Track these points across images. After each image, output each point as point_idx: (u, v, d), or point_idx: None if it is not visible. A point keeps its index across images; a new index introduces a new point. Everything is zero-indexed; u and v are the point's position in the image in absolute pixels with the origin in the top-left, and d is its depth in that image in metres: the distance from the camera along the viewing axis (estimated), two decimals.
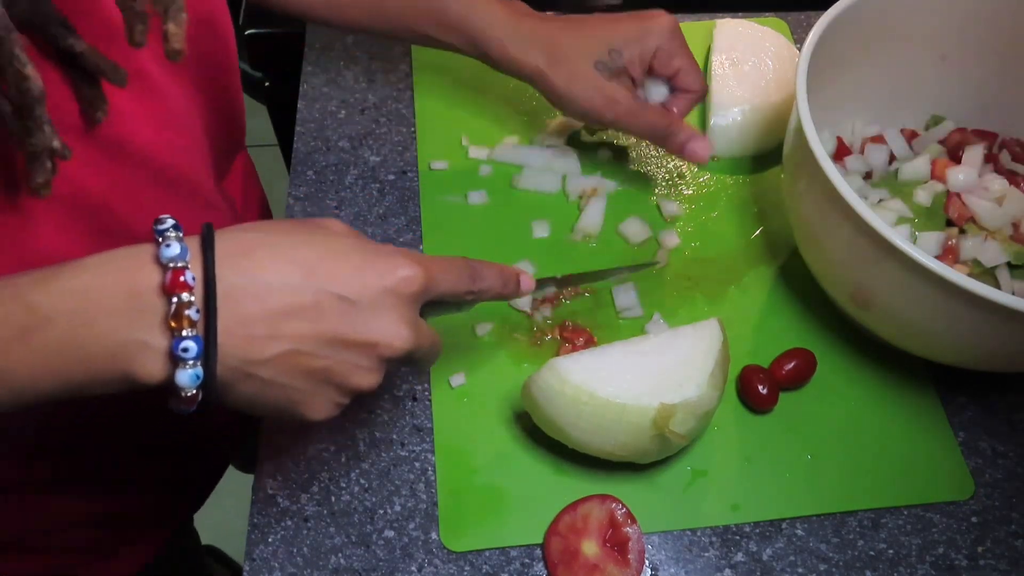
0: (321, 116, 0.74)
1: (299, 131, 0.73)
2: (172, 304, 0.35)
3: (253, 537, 0.53)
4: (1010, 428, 0.60)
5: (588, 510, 0.53)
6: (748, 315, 0.64)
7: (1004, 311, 0.46)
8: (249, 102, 1.43)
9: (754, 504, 0.55)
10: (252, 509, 0.54)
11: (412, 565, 0.53)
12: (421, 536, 0.54)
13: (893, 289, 0.51)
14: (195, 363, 0.36)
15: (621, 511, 0.53)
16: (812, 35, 0.56)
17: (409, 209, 0.68)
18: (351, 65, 0.78)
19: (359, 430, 0.58)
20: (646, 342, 0.54)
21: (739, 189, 0.71)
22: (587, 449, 0.52)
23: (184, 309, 0.35)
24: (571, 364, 0.51)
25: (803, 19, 0.83)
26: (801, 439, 0.58)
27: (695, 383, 0.50)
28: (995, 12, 0.63)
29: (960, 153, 0.64)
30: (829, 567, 0.54)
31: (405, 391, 0.59)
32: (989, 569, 0.54)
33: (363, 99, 0.76)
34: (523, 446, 0.57)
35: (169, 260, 0.36)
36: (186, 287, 0.36)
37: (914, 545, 0.55)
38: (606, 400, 0.50)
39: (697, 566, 0.54)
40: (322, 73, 0.77)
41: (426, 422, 0.58)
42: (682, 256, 0.67)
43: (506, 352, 0.61)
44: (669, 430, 0.49)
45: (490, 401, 0.59)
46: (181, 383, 0.36)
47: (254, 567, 0.53)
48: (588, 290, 0.64)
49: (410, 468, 0.56)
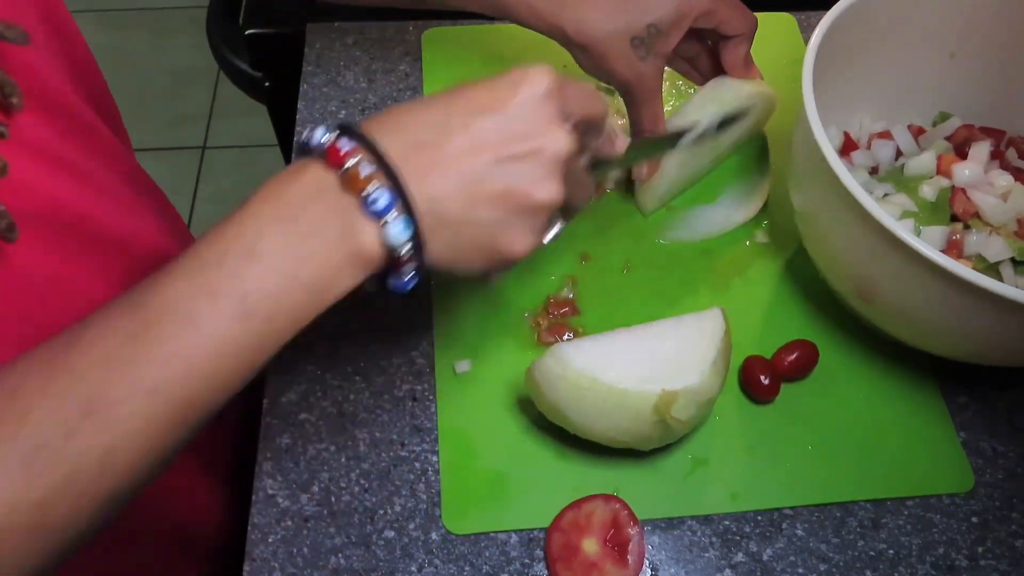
0: (321, 116, 0.74)
1: (299, 131, 0.73)
2: (345, 170, 0.37)
3: (253, 537, 0.53)
4: (1011, 428, 0.60)
5: (592, 508, 0.53)
6: (752, 307, 0.64)
7: (1006, 303, 0.46)
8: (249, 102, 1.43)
9: (754, 493, 0.56)
10: (252, 509, 0.54)
11: (412, 565, 0.53)
12: (421, 536, 0.54)
13: (896, 282, 0.51)
14: (395, 215, 0.37)
15: (624, 512, 0.53)
16: (818, 31, 0.56)
17: None
18: (351, 65, 0.78)
19: (359, 430, 0.58)
20: (649, 329, 0.54)
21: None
22: (589, 435, 0.53)
23: (359, 170, 0.36)
24: (573, 350, 0.51)
25: (803, 19, 0.83)
26: (802, 430, 0.58)
27: (697, 370, 0.51)
28: (1003, 9, 0.63)
29: (966, 149, 0.64)
30: (829, 567, 0.54)
31: (405, 391, 0.59)
32: (989, 569, 0.54)
33: (363, 99, 0.76)
34: (526, 432, 0.57)
35: (320, 142, 0.38)
36: (348, 155, 0.37)
37: (914, 545, 0.55)
38: (608, 385, 0.50)
39: (697, 566, 0.54)
40: (322, 73, 0.77)
41: (426, 422, 0.58)
42: (688, 247, 0.67)
43: (512, 339, 0.61)
44: (671, 416, 0.49)
45: (494, 388, 0.59)
46: (394, 238, 0.37)
47: (254, 567, 0.52)
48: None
49: (410, 468, 0.56)
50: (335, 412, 0.59)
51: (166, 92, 2.09)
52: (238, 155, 1.98)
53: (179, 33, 2.13)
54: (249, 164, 1.96)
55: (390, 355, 0.61)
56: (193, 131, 2.02)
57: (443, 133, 0.38)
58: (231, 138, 2.01)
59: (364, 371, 0.60)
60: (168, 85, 2.11)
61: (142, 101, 2.07)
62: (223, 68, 1.38)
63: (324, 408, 0.59)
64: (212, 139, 2.01)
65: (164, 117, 2.04)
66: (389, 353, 0.61)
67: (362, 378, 0.60)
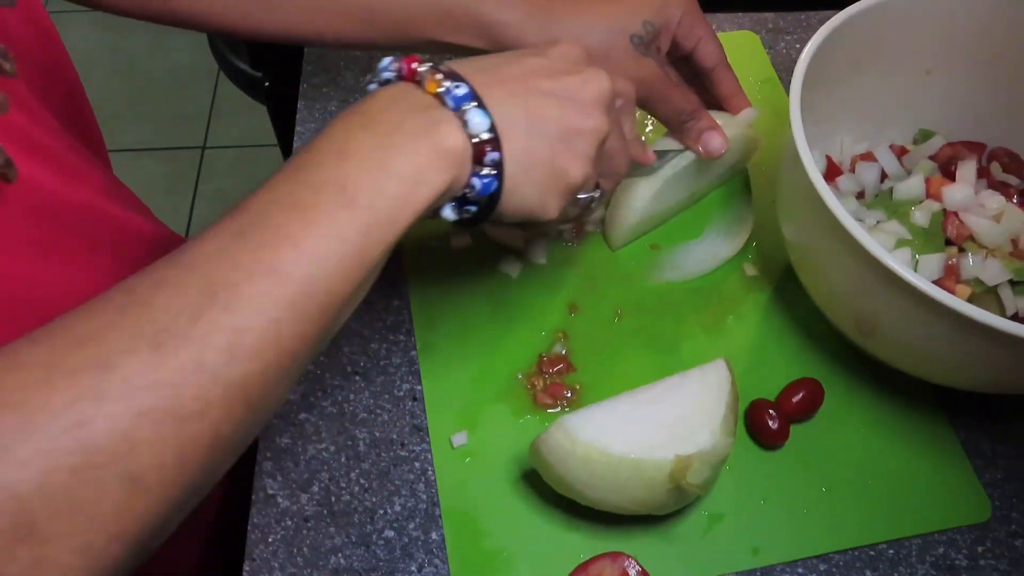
0: (321, 116, 0.74)
1: (299, 131, 0.73)
2: (421, 75, 0.41)
3: (253, 537, 0.53)
4: (1009, 428, 0.60)
5: (600, 569, 0.51)
6: (749, 345, 0.62)
7: (1007, 337, 0.45)
8: (249, 102, 1.43)
9: (775, 545, 0.54)
10: (252, 509, 0.54)
11: (412, 565, 0.53)
12: (421, 536, 0.54)
13: (899, 318, 0.50)
14: (474, 104, 0.40)
15: (635, 568, 0.51)
16: (800, 64, 0.54)
17: None
18: (351, 65, 0.78)
19: (359, 430, 0.58)
20: (654, 390, 0.52)
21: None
22: (602, 506, 0.51)
23: (433, 75, 0.41)
24: (580, 421, 0.50)
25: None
26: (815, 472, 0.57)
27: (708, 430, 0.49)
28: (977, 25, 0.63)
29: (952, 168, 0.63)
30: (829, 567, 0.54)
31: (405, 391, 0.59)
32: (989, 569, 0.54)
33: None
34: (532, 505, 0.55)
35: (390, 65, 0.43)
36: (421, 64, 0.41)
37: (914, 545, 0.55)
38: (620, 457, 0.48)
39: None
40: (322, 73, 0.77)
41: (426, 422, 0.58)
42: (678, 287, 0.65)
43: (507, 404, 0.59)
44: (687, 482, 0.48)
45: (495, 461, 0.56)
46: (475, 125, 0.40)
47: (254, 567, 0.52)
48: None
49: (410, 468, 0.56)
50: (335, 412, 0.59)
51: (166, 92, 2.10)
52: (238, 155, 1.98)
53: (179, 33, 2.12)
54: (249, 164, 1.96)
55: (390, 355, 0.61)
56: (193, 131, 2.02)
57: (498, 65, 0.44)
58: (231, 138, 2.01)
59: (364, 371, 0.60)
60: (168, 85, 2.11)
61: (142, 101, 2.07)
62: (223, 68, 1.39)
63: (324, 408, 0.59)
64: (212, 139, 2.01)
65: (164, 117, 2.04)
66: (389, 353, 0.61)
67: (362, 378, 0.60)
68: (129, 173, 0.88)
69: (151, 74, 2.13)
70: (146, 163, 1.96)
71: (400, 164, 0.38)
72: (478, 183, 0.41)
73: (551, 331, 0.62)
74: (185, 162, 1.97)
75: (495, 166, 0.41)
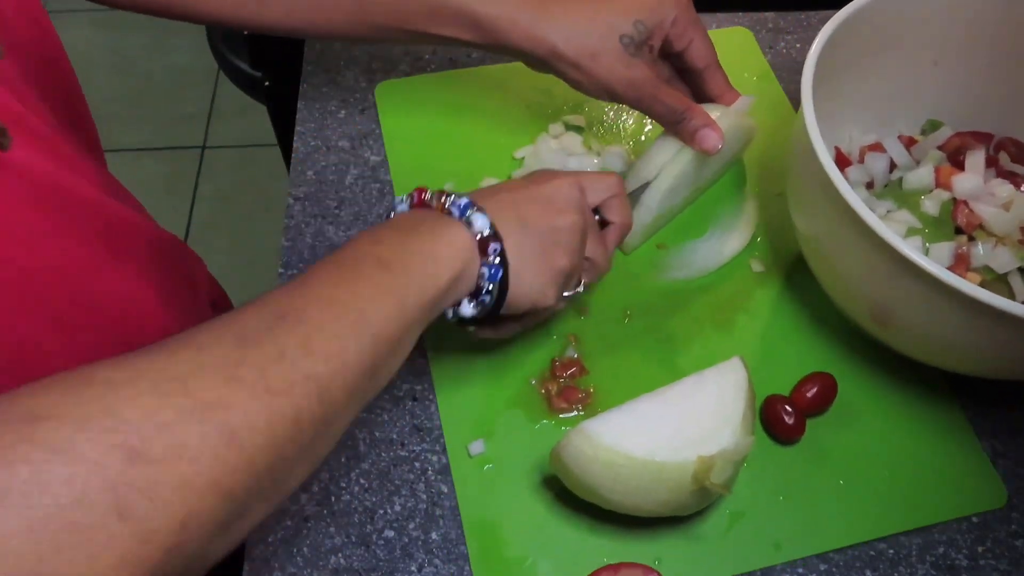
0: (321, 116, 0.74)
1: (299, 131, 0.73)
2: (428, 199, 0.50)
3: (253, 537, 0.53)
4: (1010, 428, 0.60)
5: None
6: (760, 341, 0.62)
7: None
8: (249, 102, 1.43)
9: (796, 539, 0.54)
10: None
11: (412, 565, 0.53)
12: (421, 536, 0.54)
13: (914, 305, 0.51)
14: (475, 210, 0.48)
15: None
16: (811, 57, 0.55)
17: None
18: (351, 65, 0.78)
19: (359, 430, 0.58)
20: (671, 391, 0.52)
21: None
22: (625, 509, 0.51)
23: (437, 196, 0.49)
24: (600, 426, 0.50)
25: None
26: (832, 466, 0.57)
27: (729, 430, 0.50)
28: (983, 16, 0.63)
29: (961, 158, 0.64)
30: (829, 567, 0.54)
31: (405, 391, 0.59)
32: (989, 569, 0.54)
33: (363, 99, 0.76)
34: (554, 511, 0.55)
35: (400, 204, 0.51)
36: (425, 191, 0.50)
37: (914, 545, 0.55)
38: (643, 460, 0.48)
39: None
40: (322, 73, 0.77)
41: (426, 422, 0.58)
42: (685, 286, 0.65)
43: (523, 410, 0.59)
44: (710, 482, 0.48)
45: (514, 468, 0.56)
46: (478, 225, 0.48)
47: (254, 567, 0.52)
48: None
49: (410, 468, 0.56)
50: None
51: (166, 92, 2.10)
52: (238, 155, 1.98)
53: (179, 33, 2.13)
54: (249, 164, 1.96)
55: None
56: (193, 131, 2.02)
57: (492, 191, 0.51)
58: (231, 138, 2.01)
59: None
60: (168, 85, 2.11)
61: (142, 101, 2.07)
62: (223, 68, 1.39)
63: None
64: (212, 139, 2.01)
65: (164, 117, 2.04)
66: None
67: None
68: (128, 173, 0.88)
69: (151, 74, 2.13)
70: (145, 163, 1.96)
71: (424, 247, 0.46)
72: (487, 271, 0.48)
73: (562, 335, 0.62)
74: (185, 162, 1.97)
75: (499, 255, 0.48)
